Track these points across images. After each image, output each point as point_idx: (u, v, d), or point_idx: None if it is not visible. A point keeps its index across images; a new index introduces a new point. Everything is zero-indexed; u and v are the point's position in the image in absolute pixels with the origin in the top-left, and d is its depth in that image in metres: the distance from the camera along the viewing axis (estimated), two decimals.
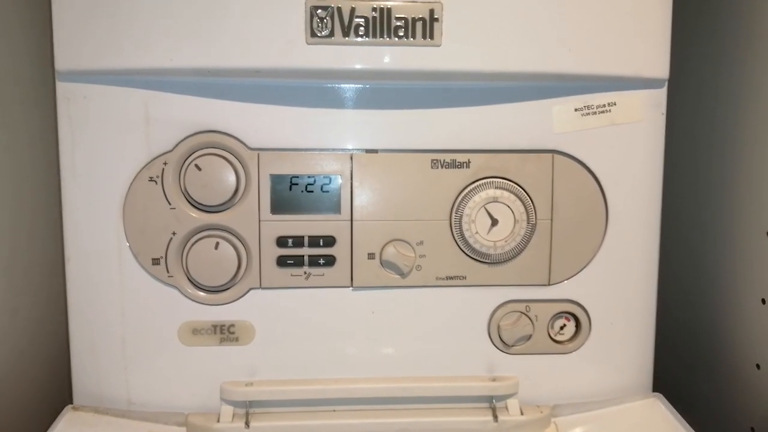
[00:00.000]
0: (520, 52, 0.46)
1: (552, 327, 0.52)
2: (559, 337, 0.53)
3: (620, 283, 0.52)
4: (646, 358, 0.53)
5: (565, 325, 0.52)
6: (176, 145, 0.47)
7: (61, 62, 0.45)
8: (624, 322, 0.52)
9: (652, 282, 0.52)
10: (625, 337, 0.52)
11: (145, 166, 0.47)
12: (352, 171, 0.48)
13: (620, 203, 0.50)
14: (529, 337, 0.51)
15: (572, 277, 0.51)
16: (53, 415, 0.48)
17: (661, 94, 0.50)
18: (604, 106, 0.49)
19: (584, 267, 0.51)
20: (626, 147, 0.50)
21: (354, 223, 0.48)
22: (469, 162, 0.49)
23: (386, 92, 0.48)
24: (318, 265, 0.49)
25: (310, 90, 0.47)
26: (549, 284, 0.51)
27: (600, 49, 0.47)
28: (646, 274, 0.52)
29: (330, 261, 0.49)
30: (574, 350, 0.52)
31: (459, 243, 0.49)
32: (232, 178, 0.47)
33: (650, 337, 0.53)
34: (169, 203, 0.47)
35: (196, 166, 0.46)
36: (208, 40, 0.44)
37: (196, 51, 0.44)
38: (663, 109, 0.50)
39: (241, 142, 0.47)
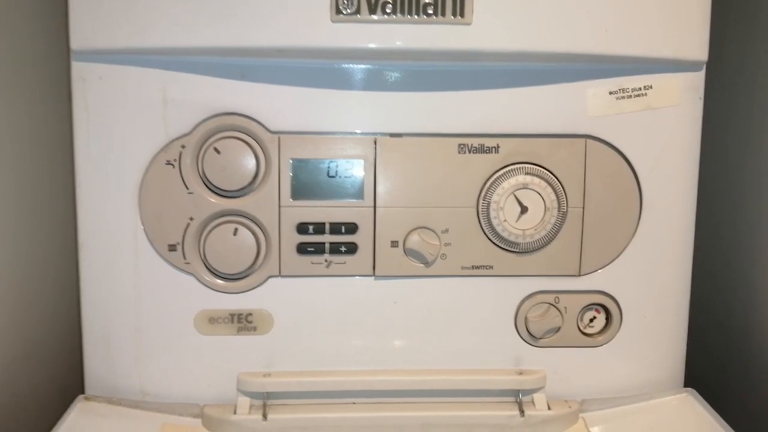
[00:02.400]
0: (554, 32, 0.43)
1: (581, 319, 0.50)
2: (588, 330, 0.51)
3: (653, 274, 0.50)
4: (679, 352, 0.51)
5: (595, 317, 0.50)
6: (194, 128, 0.45)
7: (77, 41, 0.43)
8: (656, 315, 0.50)
9: (686, 273, 0.50)
10: (657, 330, 0.50)
11: (162, 149, 0.45)
12: (375, 155, 0.46)
13: (655, 191, 0.48)
14: (558, 329, 0.50)
15: (604, 267, 0.49)
16: (65, 405, 0.47)
17: (699, 78, 0.48)
18: (639, 89, 0.47)
19: (616, 257, 0.49)
20: (662, 132, 0.48)
21: (377, 209, 0.47)
22: (498, 147, 0.47)
23: (413, 73, 0.46)
24: (339, 252, 0.47)
25: (334, 71, 0.45)
26: (579, 275, 0.49)
27: (637, 30, 0.44)
28: (680, 265, 0.50)
29: (352, 249, 0.47)
30: (604, 343, 0.50)
31: (486, 231, 0.47)
32: (252, 162, 0.45)
33: (683, 330, 0.51)
34: (187, 188, 0.45)
35: (215, 149, 0.45)
36: (228, 18, 0.42)
37: (216, 30, 0.42)
38: (701, 93, 0.48)
39: (262, 125, 0.46)
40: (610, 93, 0.47)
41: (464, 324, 0.49)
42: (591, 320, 0.51)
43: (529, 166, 0.47)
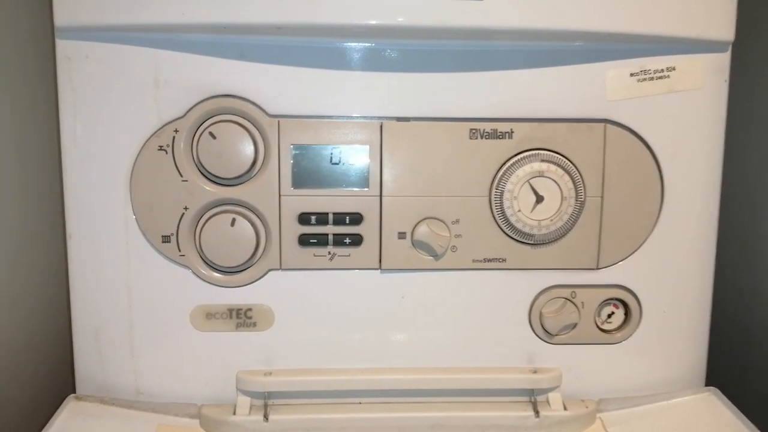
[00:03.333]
0: (572, 9, 0.41)
1: (599, 315, 0.48)
2: (606, 326, 0.48)
3: (674, 268, 0.47)
4: (700, 350, 0.49)
5: (613, 312, 0.48)
6: (189, 111, 0.42)
7: (61, 17, 0.40)
8: (677, 310, 0.48)
9: (709, 266, 0.48)
10: (678, 327, 0.48)
11: (154, 134, 0.42)
12: (381, 141, 0.43)
13: (677, 179, 0.46)
14: (574, 325, 0.47)
15: (623, 260, 0.47)
16: (55, 405, 0.44)
17: (724, 59, 0.45)
18: (662, 71, 0.44)
19: (636, 249, 0.46)
20: (685, 117, 0.45)
21: (383, 198, 0.44)
22: (512, 132, 0.44)
23: (421, 53, 0.43)
24: (343, 244, 0.44)
25: (337, 50, 0.42)
26: (597, 268, 0.46)
27: (659, 7, 0.42)
28: (702, 258, 0.48)
29: (357, 240, 0.44)
30: (623, 340, 0.48)
31: (499, 222, 0.45)
32: (250, 147, 0.42)
33: (705, 326, 0.49)
34: (181, 175, 0.43)
35: (211, 134, 0.42)
36: None
37: (211, 5, 0.39)
38: (726, 75, 0.45)
39: (260, 108, 0.43)
40: (631, 75, 0.44)
41: (476, 320, 0.46)
42: (609, 316, 0.48)
43: (545, 152, 0.44)
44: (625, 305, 0.48)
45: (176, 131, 0.42)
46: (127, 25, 0.40)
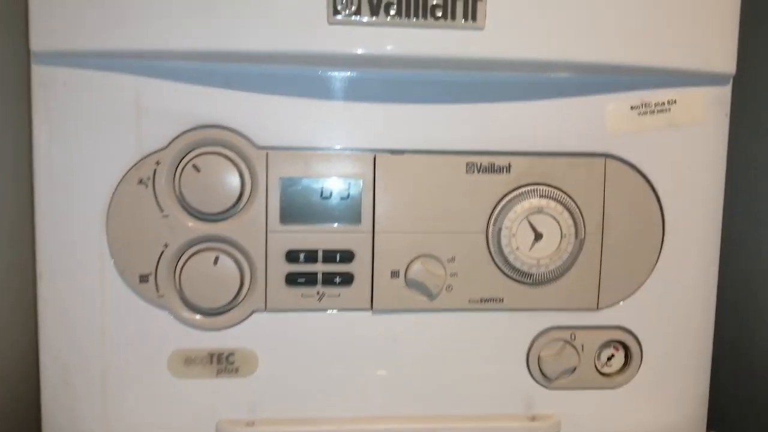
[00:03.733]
0: (573, 40, 0.40)
1: (599, 357, 0.46)
2: (606, 370, 0.46)
3: (676, 307, 0.45)
4: (702, 391, 0.47)
5: (613, 355, 0.46)
6: (171, 142, 0.40)
7: (38, 42, 0.38)
8: (678, 351, 0.46)
9: (710, 305, 0.46)
10: (679, 368, 0.46)
11: (134, 166, 0.40)
12: (374, 174, 0.41)
13: (678, 215, 0.44)
14: (574, 369, 0.45)
15: (623, 300, 0.45)
16: None
17: (725, 92, 0.44)
18: (663, 104, 0.43)
19: (637, 289, 0.45)
20: (686, 151, 0.44)
21: (376, 235, 0.42)
22: (510, 166, 0.42)
23: (417, 84, 0.41)
24: (333, 284, 0.42)
25: (329, 79, 0.41)
26: (597, 309, 0.44)
27: (660, 38, 0.41)
28: (705, 296, 0.46)
29: (347, 279, 0.42)
30: (623, 384, 0.46)
31: (496, 260, 0.43)
32: (236, 181, 0.40)
33: (707, 367, 0.47)
34: (162, 210, 0.40)
35: (194, 166, 0.40)
36: (210, 17, 0.37)
37: (197, 31, 0.37)
38: (727, 109, 0.44)
39: (248, 139, 0.41)
40: (632, 108, 0.43)
41: (471, 364, 0.44)
42: (609, 358, 0.46)
43: (544, 187, 0.42)
44: (626, 347, 0.46)
45: (158, 163, 0.40)
46: (107, 51, 0.38)
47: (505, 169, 0.42)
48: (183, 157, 0.40)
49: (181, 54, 0.38)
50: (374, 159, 0.41)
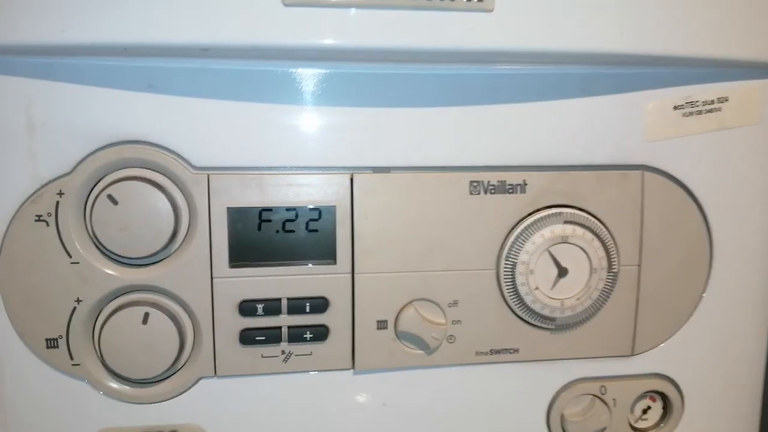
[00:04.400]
0: (602, 26, 0.31)
1: (632, 411, 0.37)
2: (640, 424, 0.38)
3: (723, 349, 0.39)
4: None
5: (649, 407, 0.38)
6: (78, 165, 0.30)
7: None
8: (725, 401, 0.39)
9: (763, 346, 0.39)
10: (725, 419, 0.39)
11: (29, 199, 0.30)
12: (352, 199, 0.32)
13: (729, 240, 0.37)
14: (604, 429, 0.36)
15: (663, 343, 0.37)
16: None
17: None
18: (712, 102, 0.35)
19: (679, 328, 0.37)
20: (740, 161, 0.36)
21: (356, 276, 0.33)
22: (526, 184, 0.33)
23: (406, 82, 0.32)
24: (303, 340, 0.33)
25: (288, 78, 0.31)
26: (632, 354, 0.36)
27: (709, 24, 0.32)
28: (756, 336, 0.39)
29: (321, 334, 0.33)
30: None
31: (510, 303, 0.34)
32: (168, 214, 0.31)
33: (756, 415, 0.39)
34: (69, 255, 0.30)
35: (110, 197, 0.30)
36: None
37: (105, 18, 0.27)
38: None
39: (181, 158, 0.31)
40: (675, 108, 0.34)
41: (480, 429, 0.36)
42: (644, 411, 0.38)
43: (569, 210, 0.33)
44: (664, 397, 0.38)
45: (61, 194, 0.30)
46: None
47: (519, 188, 0.33)
48: (94, 186, 0.30)
49: (84, 48, 0.28)
50: (351, 179, 0.32)
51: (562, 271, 0.34)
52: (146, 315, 0.31)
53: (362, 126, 0.32)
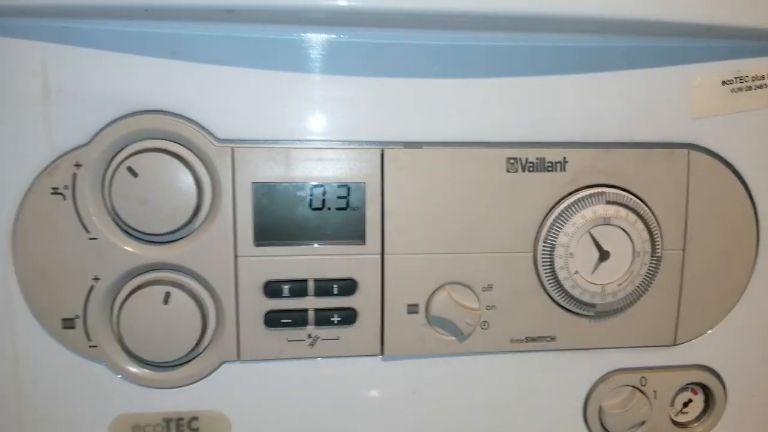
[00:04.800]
0: None
1: (672, 404, 0.36)
2: (681, 418, 0.36)
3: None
4: None
5: (690, 400, 0.36)
6: (96, 136, 0.29)
7: None
8: None
9: None
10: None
11: (44, 170, 0.29)
12: (383, 176, 0.30)
13: None
14: (643, 422, 0.35)
15: (706, 332, 0.34)
16: None
17: None
18: (762, 77, 0.33)
19: (723, 317, 0.35)
20: None
21: (386, 258, 0.31)
22: (566, 162, 0.31)
23: (439, 51, 0.30)
24: (330, 323, 0.31)
25: (316, 45, 0.29)
26: (674, 344, 0.34)
27: None
28: None
29: (349, 317, 0.31)
30: None
31: (548, 288, 0.32)
32: (191, 188, 0.29)
33: None
34: (87, 230, 0.29)
35: (130, 169, 0.28)
36: None
37: None
38: None
39: (204, 129, 0.29)
40: (723, 83, 0.33)
41: (514, 420, 0.34)
42: (685, 404, 0.36)
43: (612, 190, 0.32)
44: (706, 390, 0.36)
45: (78, 165, 0.29)
46: (2, 7, 0.26)
47: (559, 166, 0.31)
48: (113, 157, 0.29)
49: (105, 9, 0.26)
50: (382, 155, 0.30)
51: (604, 255, 0.32)
52: (167, 294, 0.29)
53: (394, 98, 0.30)
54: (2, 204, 0.29)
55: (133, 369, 0.31)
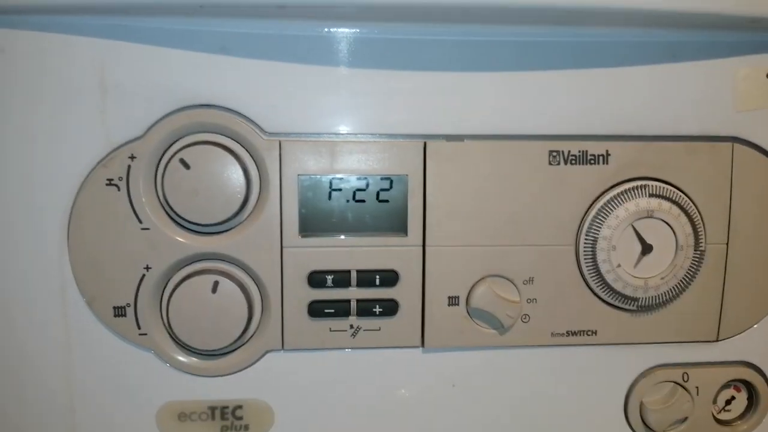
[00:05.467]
0: None
1: (715, 402, 0.35)
2: (724, 416, 0.36)
3: None
4: None
5: (733, 397, 0.36)
6: (150, 129, 0.30)
7: None
8: None
9: None
10: None
11: (100, 163, 0.30)
12: (425, 169, 0.31)
13: None
14: (685, 419, 0.34)
15: (750, 328, 0.34)
16: None
17: None
18: None
19: (767, 314, 0.34)
20: None
21: (428, 249, 0.31)
22: (609, 154, 0.31)
23: (481, 46, 0.31)
24: (372, 314, 0.32)
25: (361, 41, 0.30)
26: (717, 340, 0.34)
27: None
28: None
29: (390, 309, 0.32)
30: None
31: (589, 281, 0.32)
32: (240, 180, 0.30)
33: None
34: (140, 221, 0.30)
35: (182, 161, 0.29)
36: None
37: None
38: None
39: (253, 123, 0.30)
40: None
41: (554, 414, 0.34)
42: (728, 402, 0.35)
43: (655, 183, 0.32)
44: (750, 387, 0.35)
45: (132, 158, 0.30)
46: (60, 5, 0.28)
47: (602, 159, 0.32)
48: (166, 150, 0.30)
49: (159, 6, 0.27)
50: (424, 148, 0.31)
51: (647, 248, 0.32)
52: (216, 283, 0.30)
53: (436, 91, 0.31)
54: (59, 195, 0.30)
55: (181, 357, 0.32)
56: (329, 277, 0.31)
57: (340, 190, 0.31)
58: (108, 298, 0.31)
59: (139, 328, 0.31)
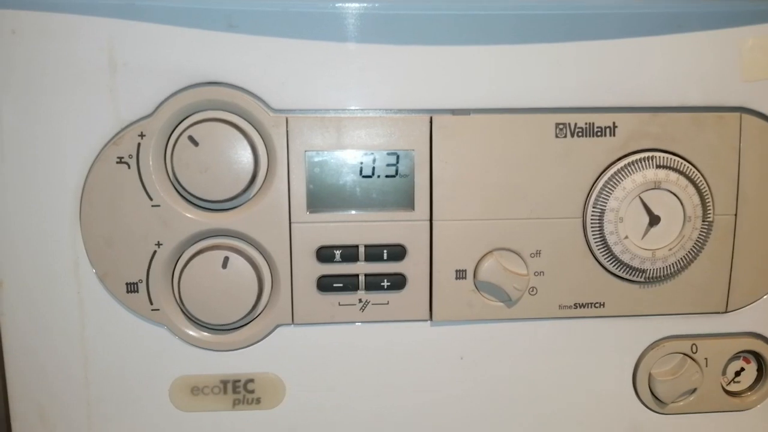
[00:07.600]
0: None
1: (724, 373, 0.35)
2: (733, 387, 0.36)
3: None
4: None
5: (743, 369, 0.36)
6: (159, 107, 0.30)
7: None
8: None
9: None
10: None
11: (110, 141, 0.30)
12: (431, 143, 0.31)
13: None
14: (694, 390, 0.34)
15: (759, 299, 0.34)
16: None
17: None
18: None
19: None
20: None
21: (435, 224, 0.31)
22: (615, 126, 0.31)
23: (485, 19, 0.30)
24: (380, 288, 0.32)
25: (367, 16, 0.30)
26: (726, 311, 0.34)
27: None
28: None
29: (398, 282, 0.32)
30: (756, 404, 0.36)
31: (597, 253, 0.32)
32: (248, 156, 0.30)
33: None
34: (150, 198, 0.30)
35: (191, 138, 0.30)
36: None
37: None
38: None
39: (260, 100, 0.30)
40: None
41: (562, 386, 0.34)
42: (737, 373, 0.36)
43: (662, 154, 0.32)
44: (759, 358, 0.36)
45: (142, 136, 0.30)
46: None
47: (608, 131, 0.32)
48: (175, 127, 0.30)
49: None
50: (431, 122, 0.31)
51: (654, 219, 0.32)
52: (226, 259, 0.31)
53: (441, 66, 0.31)
54: (70, 173, 0.30)
55: (193, 332, 0.32)
56: (337, 252, 0.31)
57: (347, 165, 0.31)
58: (120, 275, 0.31)
59: (152, 303, 0.32)
